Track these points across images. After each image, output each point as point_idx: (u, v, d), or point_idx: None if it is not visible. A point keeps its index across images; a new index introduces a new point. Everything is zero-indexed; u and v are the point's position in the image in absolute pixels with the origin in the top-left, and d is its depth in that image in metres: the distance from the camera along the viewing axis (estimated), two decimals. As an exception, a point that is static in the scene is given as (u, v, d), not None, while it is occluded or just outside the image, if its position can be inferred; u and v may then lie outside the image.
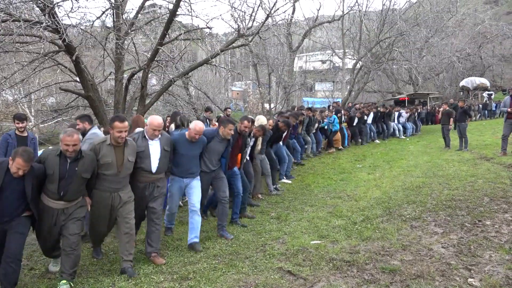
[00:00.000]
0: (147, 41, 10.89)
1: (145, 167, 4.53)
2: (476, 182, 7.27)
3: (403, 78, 28.00)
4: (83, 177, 4.01)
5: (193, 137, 4.94)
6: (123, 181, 4.36)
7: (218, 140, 5.35)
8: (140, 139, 4.59)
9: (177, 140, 4.97)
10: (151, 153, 4.55)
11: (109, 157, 4.17)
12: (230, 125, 5.39)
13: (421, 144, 14.16)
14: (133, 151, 4.38)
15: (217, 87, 29.17)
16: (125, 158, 4.27)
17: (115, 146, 4.23)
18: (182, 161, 5.00)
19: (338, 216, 5.85)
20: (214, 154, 5.37)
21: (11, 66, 8.99)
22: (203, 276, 3.98)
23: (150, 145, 4.56)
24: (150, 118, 4.62)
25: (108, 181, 4.25)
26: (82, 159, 3.99)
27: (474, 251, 4.25)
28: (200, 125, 5.01)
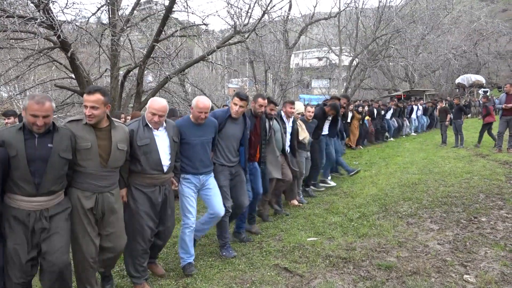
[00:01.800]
0: (143, 37, 10.84)
1: (154, 165, 3.51)
2: (471, 179, 7.30)
3: (400, 75, 28.04)
4: (61, 156, 2.86)
5: (198, 117, 3.88)
6: (112, 177, 3.23)
7: (232, 122, 4.33)
8: (142, 128, 3.51)
9: (181, 125, 3.92)
10: (160, 146, 3.55)
11: (87, 141, 3.03)
12: (259, 99, 4.69)
13: (417, 141, 14.21)
14: (124, 137, 3.29)
15: (213, 84, 29.08)
16: (113, 144, 3.16)
17: (96, 128, 3.12)
18: (192, 151, 3.94)
19: (334, 213, 5.86)
20: (231, 140, 4.34)
21: (6, 62, 8.93)
22: (200, 273, 3.98)
23: (156, 136, 3.55)
24: (150, 100, 3.62)
25: (90, 176, 3.07)
26: (57, 133, 2.87)
27: (470, 247, 4.27)
28: (204, 101, 3.93)
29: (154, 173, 3.52)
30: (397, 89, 27.32)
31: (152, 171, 3.51)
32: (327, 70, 29.90)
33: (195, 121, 3.95)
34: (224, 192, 4.29)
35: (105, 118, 3.18)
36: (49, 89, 12.95)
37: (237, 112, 4.27)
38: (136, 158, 3.46)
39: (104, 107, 3.08)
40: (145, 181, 3.52)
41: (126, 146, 3.31)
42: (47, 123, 2.78)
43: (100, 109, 3.05)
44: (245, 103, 4.29)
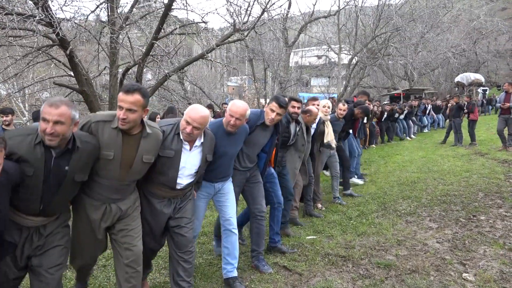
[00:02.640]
0: (142, 35, 10.82)
1: (166, 181, 3.01)
2: (470, 177, 7.31)
3: (399, 73, 28.04)
4: (76, 181, 2.49)
5: (233, 124, 3.32)
6: (129, 189, 2.84)
7: (263, 129, 3.80)
8: (172, 136, 2.95)
9: (215, 133, 3.31)
10: (182, 163, 2.99)
11: (110, 149, 2.58)
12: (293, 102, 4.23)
13: (416, 139, 14.22)
14: (154, 147, 2.80)
15: (212, 82, 29.08)
16: (138, 155, 2.70)
17: (125, 134, 2.64)
18: (219, 163, 3.42)
19: (333, 212, 5.86)
20: (255, 147, 3.84)
21: (4, 60, 8.91)
22: (199, 272, 3.98)
23: (185, 150, 2.99)
24: (189, 108, 2.98)
25: (103, 187, 2.70)
26: (77, 152, 2.42)
27: (469, 246, 4.28)
28: (241, 105, 3.34)
29: (165, 187, 3.04)
30: (396, 87, 27.32)
31: (162, 185, 3.04)
32: (327, 68, 29.89)
33: (228, 128, 3.37)
34: (236, 194, 3.85)
35: (139, 123, 2.69)
36: (48, 87, 12.93)
37: (272, 120, 3.75)
38: (154, 164, 2.92)
39: (142, 110, 2.60)
40: (154, 190, 3.05)
41: (154, 157, 2.83)
42: (60, 133, 2.26)
43: (138, 112, 2.56)
44: (284, 111, 3.79)
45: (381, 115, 13.61)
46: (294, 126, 4.67)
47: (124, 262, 2.83)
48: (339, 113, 6.29)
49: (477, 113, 11.64)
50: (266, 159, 3.99)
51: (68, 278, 3.98)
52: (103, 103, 10.28)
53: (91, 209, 2.73)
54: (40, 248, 2.50)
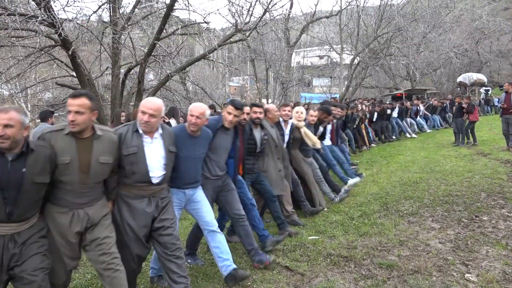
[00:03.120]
0: (144, 36, 10.84)
1: (140, 177, 3.09)
2: (473, 177, 7.29)
3: (401, 73, 28.00)
4: (36, 182, 2.55)
5: (194, 123, 3.46)
6: (93, 193, 2.87)
7: (224, 132, 3.92)
8: (131, 134, 3.09)
9: (177, 135, 3.44)
10: (148, 156, 3.10)
11: (66, 154, 2.69)
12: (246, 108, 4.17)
13: (419, 139, 14.18)
14: (109, 148, 2.90)
15: (214, 82, 29.08)
16: (94, 157, 2.79)
17: (78, 138, 2.77)
18: (184, 165, 3.47)
19: (335, 212, 5.85)
20: (221, 152, 3.92)
21: (7, 60, 8.93)
22: (201, 272, 3.98)
23: (146, 144, 3.12)
24: (143, 101, 3.20)
25: (68, 193, 2.76)
26: (32, 154, 2.54)
27: (471, 246, 4.26)
28: (200, 105, 3.54)
29: (141, 184, 3.12)
30: (398, 87, 27.29)
31: (138, 183, 3.11)
32: (328, 68, 29.90)
33: (189, 130, 3.51)
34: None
35: (90, 127, 2.82)
36: (50, 87, 12.97)
37: (231, 122, 3.88)
38: (122, 167, 3.07)
39: (90, 113, 2.75)
40: (132, 192, 3.13)
41: (112, 157, 2.92)
42: (10, 136, 2.40)
43: (86, 114, 2.72)
44: (240, 112, 3.94)
45: (371, 116, 13.58)
46: (258, 131, 4.74)
47: (102, 267, 2.89)
48: (310, 119, 6.32)
49: (477, 114, 11.55)
50: (234, 164, 4.10)
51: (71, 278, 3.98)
52: (105, 103, 10.31)
53: (59, 216, 2.78)
54: (18, 257, 2.55)
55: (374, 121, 13.71)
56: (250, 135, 4.59)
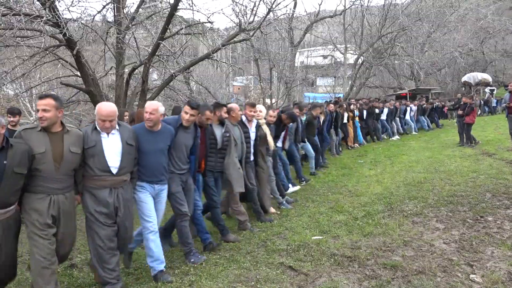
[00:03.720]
0: (148, 35, 10.84)
1: (100, 167, 3.52)
2: (478, 177, 7.26)
3: (405, 73, 27.88)
4: (16, 172, 3.03)
5: (148, 118, 3.88)
6: (67, 180, 3.37)
7: (183, 130, 4.28)
8: (90, 131, 3.55)
9: (137, 132, 3.89)
10: (106, 149, 3.54)
11: (41, 147, 3.19)
12: (207, 112, 4.57)
13: (423, 139, 14.13)
14: (77, 141, 3.41)
15: (218, 82, 29.11)
16: (66, 148, 3.30)
17: (49, 133, 3.28)
18: (147, 159, 3.91)
19: (339, 212, 5.84)
20: (182, 148, 4.30)
21: (12, 60, 8.97)
22: (204, 271, 3.99)
23: (104, 138, 3.55)
24: (97, 106, 3.65)
25: (44, 179, 3.23)
26: (12, 149, 3.04)
27: (476, 247, 4.24)
28: (154, 102, 4.00)
29: (103, 174, 3.53)
30: (402, 87, 27.19)
31: (100, 172, 3.53)
32: (332, 68, 29.81)
33: (147, 126, 3.93)
34: (178, 198, 4.27)
35: (58, 123, 3.34)
36: (55, 86, 13.01)
37: (188, 121, 4.23)
38: (85, 161, 3.51)
39: (56, 111, 3.25)
40: (95, 183, 3.55)
41: (80, 149, 3.43)
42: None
43: (52, 112, 3.22)
44: (196, 111, 4.26)
45: (361, 114, 13.65)
46: (219, 129, 4.99)
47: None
48: (269, 119, 6.43)
49: (474, 116, 11.39)
50: (195, 161, 4.49)
51: (75, 277, 4.01)
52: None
53: (37, 202, 3.22)
54: None
55: (364, 119, 13.85)
56: (212, 133, 4.87)
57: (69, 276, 4.00)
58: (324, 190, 7.42)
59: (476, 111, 11.02)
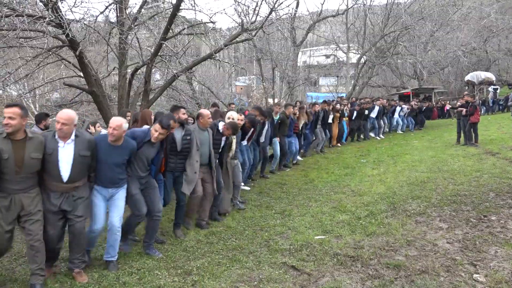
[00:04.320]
0: (151, 36, 10.86)
1: (53, 175, 3.77)
2: (481, 177, 7.23)
3: (408, 72, 27.80)
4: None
5: (111, 133, 4.01)
6: (27, 182, 3.65)
7: (150, 145, 4.43)
8: (50, 138, 3.75)
9: (98, 142, 4.07)
10: (60, 158, 3.73)
11: (6, 152, 3.46)
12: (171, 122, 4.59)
13: (426, 139, 14.09)
14: (38, 147, 3.64)
15: (220, 82, 29.07)
16: (26, 154, 3.55)
17: (13, 140, 3.51)
18: (103, 169, 4.11)
19: (342, 211, 5.83)
20: (144, 160, 4.47)
21: (15, 61, 9.00)
22: (207, 271, 3.99)
23: (60, 147, 3.74)
24: (59, 112, 3.85)
25: (6, 181, 3.55)
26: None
27: (480, 246, 4.23)
28: (118, 119, 4.13)
29: (54, 181, 3.79)
30: (405, 86, 27.11)
31: (52, 179, 3.79)
32: (335, 67, 29.79)
33: (109, 139, 4.06)
34: (137, 200, 4.44)
35: (22, 130, 3.56)
36: (58, 87, 13.06)
37: (156, 138, 4.39)
38: (42, 164, 3.73)
39: (20, 119, 3.49)
40: (49, 186, 3.83)
41: (41, 154, 3.67)
42: None
43: (17, 120, 3.46)
44: (166, 131, 4.42)
45: (351, 114, 13.84)
46: (180, 131, 5.09)
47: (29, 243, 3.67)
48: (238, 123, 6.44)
49: (478, 115, 11.37)
50: (155, 170, 4.69)
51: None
52: (112, 103, 10.35)
53: (1, 200, 3.53)
54: None
55: (353, 119, 14.00)
56: (172, 138, 4.98)
57: (71, 277, 4.00)
58: (327, 190, 7.41)
59: (479, 110, 10.94)
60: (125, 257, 4.50)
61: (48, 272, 3.98)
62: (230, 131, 5.80)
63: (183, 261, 4.35)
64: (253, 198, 7.04)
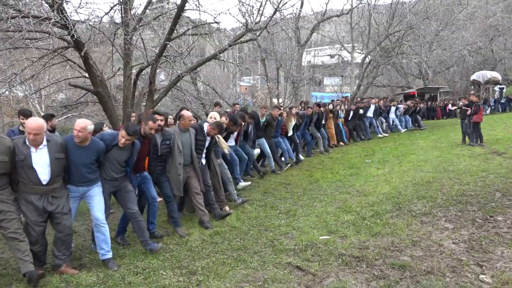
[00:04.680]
0: (155, 36, 10.91)
1: (32, 179, 3.91)
2: (487, 177, 7.18)
3: (413, 72, 27.68)
4: None
5: (76, 135, 4.14)
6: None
7: (118, 148, 4.55)
8: (21, 145, 3.88)
9: (67, 142, 4.20)
10: (35, 163, 3.88)
11: None
12: (150, 123, 4.84)
13: (431, 139, 14.01)
14: (4, 150, 3.77)
15: (225, 82, 29.13)
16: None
17: None
18: (73, 168, 4.25)
19: (347, 212, 5.82)
20: (114, 162, 4.59)
21: (21, 62, 9.07)
22: (212, 271, 3.99)
23: (33, 153, 3.89)
24: (27, 121, 4.04)
25: None
26: None
27: (486, 247, 4.20)
28: (82, 121, 4.26)
29: (34, 186, 3.93)
30: (410, 86, 26.99)
31: (31, 183, 3.92)
32: (340, 67, 29.71)
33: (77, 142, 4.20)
34: (105, 200, 4.57)
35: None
36: (63, 88, 13.13)
37: (123, 144, 4.52)
38: (17, 170, 3.89)
39: None
40: (28, 190, 3.96)
41: (7, 158, 3.78)
42: None
43: None
44: (132, 137, 4.55)
45: (347, 115, 13.84)
46: (159, 136, 5.24)
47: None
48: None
49: (481, 114, 11.30)
50: (129, 172, 4.79)
51: (83, 277, 4.03)
52: (117, 103, 10.40)
53: None
54: None
55: (349, 120, 13.98)
56: (155, 143, 5.17)
57: (77, 276, 4.03)
58: (331, 190, 7.40)
59: (483, 110, 10.86)
60: (130, 257, 4.51)
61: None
62: (216, 131, 5.90)
63: (188, 261, 4.36)
64: (257, 198, 7.04)
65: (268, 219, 5.82)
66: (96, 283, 3.88)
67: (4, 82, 8.46)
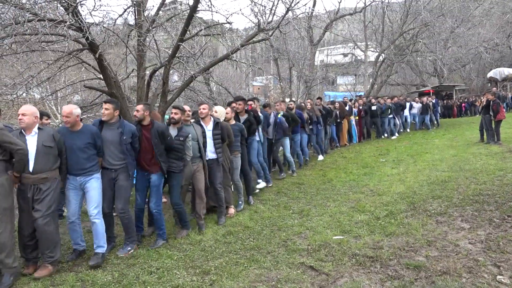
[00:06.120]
0: (168, 37, 10.96)
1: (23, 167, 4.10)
2: (505, 176, 7.05)
3: (428, 70, 27.30)
4: None
5: (65, 121, 4.41)
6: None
7: (106, 127, 4.71)
8: (18, 135, 4.13)
9: (61, 132, 4.44)
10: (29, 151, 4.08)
11: None
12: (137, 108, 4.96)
13: (447, 137, 13.81)
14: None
15: (238, 82, 29.15)
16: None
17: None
18: (69, 155, 4.43)
19: (361, 211, 5.77)
20: (108, 144, 4.67)
21: (38, 64, 9.20)
22: (225, 271, 4.01)
23: (27, 141, 4.11)
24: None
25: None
26: None
27: (503, 247, 4.12)
28: (67, 106, 4.47)
29: (24, 174, 4.09)
30: (425, 84, 26.64)
31: (23, 172, 4.08)
32: (353, 66, 29.47)
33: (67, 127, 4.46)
34: (106, 190, 4.70)
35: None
36: (78, 89, 13.31)
37: (104, 115, 4.71)
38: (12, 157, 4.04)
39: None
40: (21, 179, 4.12)
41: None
42: None
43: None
44: (110, 105, 4.71)
45: (359, 113, 13.90)
46: (174, 130, 5.34)
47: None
48: (226, 116, 6.54)
49: (503, 112, 11.10)
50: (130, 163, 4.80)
51: (98, 276, 4.08)
52: (131, 104, 10.49)
53: None
54: None
55: (363, 117, 14.11)
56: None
57: (93, 275, 4.08)
58: (345, 190, 7.35)
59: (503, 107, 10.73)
60: (144, 257, 4.56)
61: (32, 267, 4.23)
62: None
63: (202, 260, 4.38)
64: (271, 198, 7.04)
65: (282, 219, 5.81)
66: (111, 282, 3.92)
67: (22, 84, 8.60)
